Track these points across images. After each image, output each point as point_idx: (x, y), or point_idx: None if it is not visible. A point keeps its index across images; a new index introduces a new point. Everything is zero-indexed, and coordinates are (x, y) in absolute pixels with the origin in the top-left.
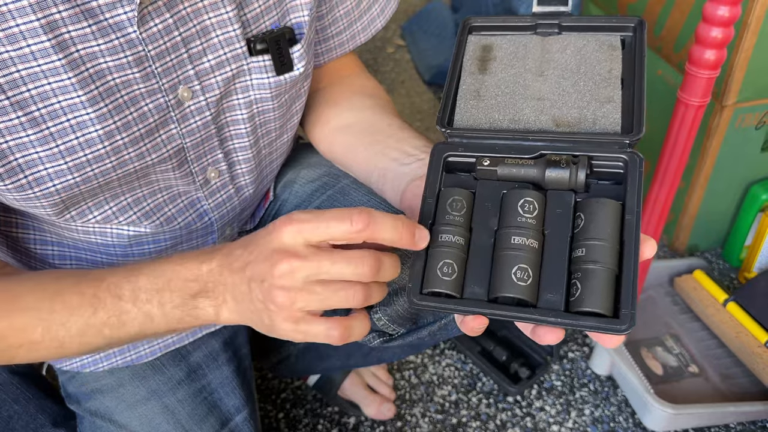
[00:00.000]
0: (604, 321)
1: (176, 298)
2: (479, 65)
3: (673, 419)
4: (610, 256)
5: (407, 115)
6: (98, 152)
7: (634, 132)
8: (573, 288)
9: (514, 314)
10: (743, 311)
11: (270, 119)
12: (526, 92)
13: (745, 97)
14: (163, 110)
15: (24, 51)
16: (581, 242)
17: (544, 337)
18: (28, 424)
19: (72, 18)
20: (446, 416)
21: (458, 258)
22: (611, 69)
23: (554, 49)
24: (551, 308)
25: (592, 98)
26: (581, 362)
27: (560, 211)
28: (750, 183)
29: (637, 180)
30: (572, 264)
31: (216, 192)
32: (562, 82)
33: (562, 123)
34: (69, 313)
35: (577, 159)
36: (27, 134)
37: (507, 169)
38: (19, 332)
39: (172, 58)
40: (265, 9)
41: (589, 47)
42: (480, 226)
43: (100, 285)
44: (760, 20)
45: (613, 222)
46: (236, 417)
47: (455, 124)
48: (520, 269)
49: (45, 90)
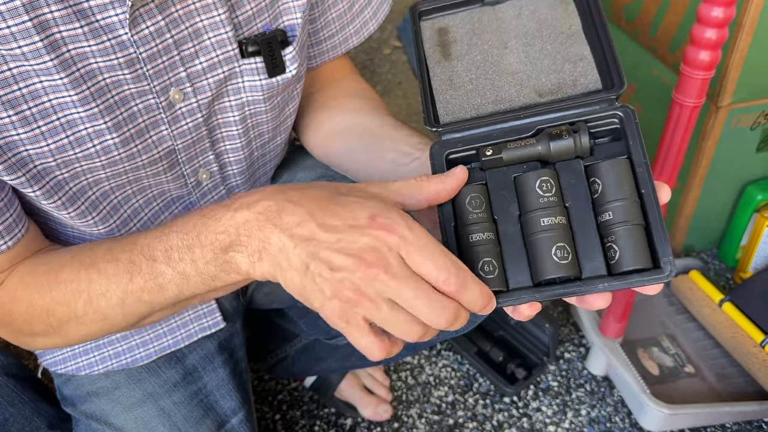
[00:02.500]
0: (648, 274)
1: (207, 253)
2: (442, 51)
3: (670, 419)
4: (635, 211)
5: (404, 117)
6: (88, 150)
7: (617, 86)
8: (610, 251)
9: (565, 291)
10: (739, 311)
11: (262, 121)
12: (499, 68)
13: (740, 98)
14: (153, 111)
15: (16, 51)
16: (605, 206)
17: (594, 303)
18: (23, 427)
19: (64, 18)
20: (443, 417)
21: (495, 253)
22: (571, 25)
23: (509, 16)
24: (596, 276)
25: (564, 59)
26: (577, 363)
27: (574, 181)
28: (745, 183)
29: (635, 132)
30: (602, 228)
31: (207, 194)
32: (529, 49)
33: (544, 92)
34: (107, 281)
35: (577, 126)
36: (18, 132)
37: (512, 153)
38: (63, 306)
39: (164, 60)
40: (257, 11)
41: (543, 8)
42: (503, 215)
43: (133, 248)
44: (754, 21)
45: (628, 178)
46: (232, 419)
47: (442, 120)
48: (559, 248)
49: (36, 89)
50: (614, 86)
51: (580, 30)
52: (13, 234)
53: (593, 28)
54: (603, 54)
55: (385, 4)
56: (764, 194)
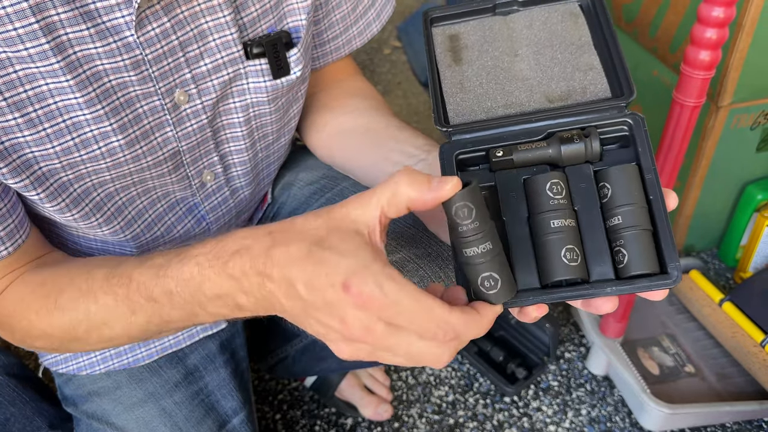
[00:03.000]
0: (655, 279)
1: (210, 307)
2: (453, 56)
3: (670, 419)
4: (644, 216)
5: (404, 117)
6: (93, 153)
7: (626, 94)
8: (618, 255)
9: (573, 294)
10: (739, 311)
11: (267, 123)
12: (509, 74)
13: (740, 98)
14: (158, 113)
15: (22, 53)
16: (614, 210)
17: (601, 307)
18: (24, 426)
19: (71, 20)
20: (443, 417)
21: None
22: (581, 36)
23: (520, 26)
24: (604, 279)
25: (574, 68)
26: (578, 362)
27: (584, 185)
28: (745, 183)
29: (645, 139)
30: (611, 232)
31: (211, 195)
32: (539, 57)
33: (554, 98)
34: (106, 314)
35: (588, 131)
36: (23, 134)
37: (522, 155)
38: (63, 332)
39: (169, 61)
40: (261, 13)
41: (553, 19)
42: (512, 216)
43: (129, 284)
44: (754, 21)
45: (637, 184)
46: (233, 419)
47: (452, 121)
48: (568, 250)
49: (42, 91)
50: (624, 94)
51: (589, 41)
52: (14, 240)
53: (603, 40)
54: (612, 64)
55: (388, 5)
56: (764, 194)
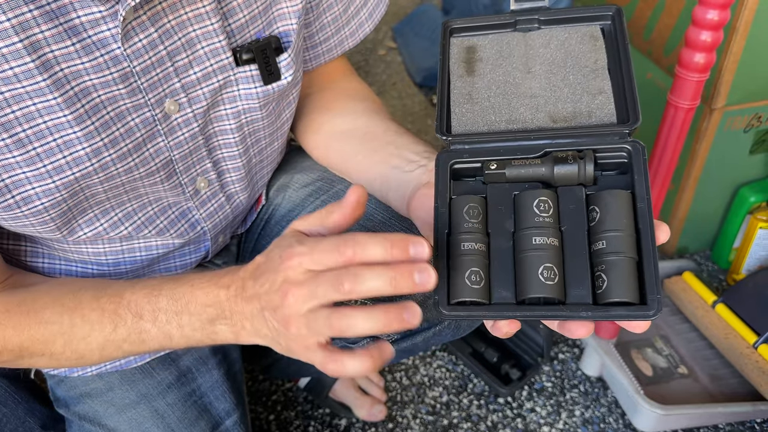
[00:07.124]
0: (633, 308)
1: (195, 322)
2: (466, 67)
3: (663, 420)
4: (630, 244)
5: (399, 118)
6: (86, 170)
7: (631, 121)
8: (599, 280)
9: (546, 313)
10: (732, 313)
11: (259, 128)
12: (518, 91)
13: (734, 101)
14: (149, 124)
15: (7, 73)
16: (600, 235)
17: (575, 331)
18: (16, 427)
19: (55, 37)
20: (437, 417)
21: (483, 265)
22: (597, 60)
23: (537, 44)
24: (580, 303)
25: (584, 91)
26: (571, 363)
27: (573, 207)
28: (738, 185)
29: (642, 168)
30: (594, 257)
31: (207, 201)
32: (551, 77)
33: (558, 118)
34: (90, 328)
35: (583, 154)
36: (13, 155)
37: (515, 171)
38: (41, 344)
39: (158, 72)
40: (250, 18)
41: (572, 40)
42: (497, 229)
43: (120, 301)
44: (748, 24)
45: (627, 211)
46: (226, 421)
47: (454, 130)
48: (546, 269)
49: (30, 111)
50: (628, 121)
51: (604, 66)
52: None
53: (618, 65)
54: (623, 90)
55: (381, 5)
56: (757, 196)
